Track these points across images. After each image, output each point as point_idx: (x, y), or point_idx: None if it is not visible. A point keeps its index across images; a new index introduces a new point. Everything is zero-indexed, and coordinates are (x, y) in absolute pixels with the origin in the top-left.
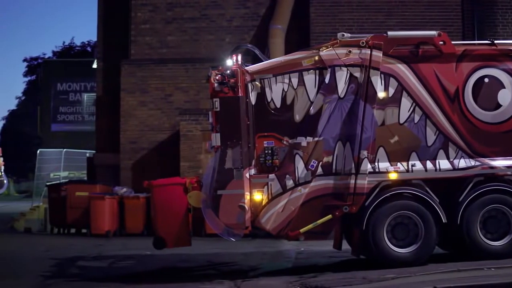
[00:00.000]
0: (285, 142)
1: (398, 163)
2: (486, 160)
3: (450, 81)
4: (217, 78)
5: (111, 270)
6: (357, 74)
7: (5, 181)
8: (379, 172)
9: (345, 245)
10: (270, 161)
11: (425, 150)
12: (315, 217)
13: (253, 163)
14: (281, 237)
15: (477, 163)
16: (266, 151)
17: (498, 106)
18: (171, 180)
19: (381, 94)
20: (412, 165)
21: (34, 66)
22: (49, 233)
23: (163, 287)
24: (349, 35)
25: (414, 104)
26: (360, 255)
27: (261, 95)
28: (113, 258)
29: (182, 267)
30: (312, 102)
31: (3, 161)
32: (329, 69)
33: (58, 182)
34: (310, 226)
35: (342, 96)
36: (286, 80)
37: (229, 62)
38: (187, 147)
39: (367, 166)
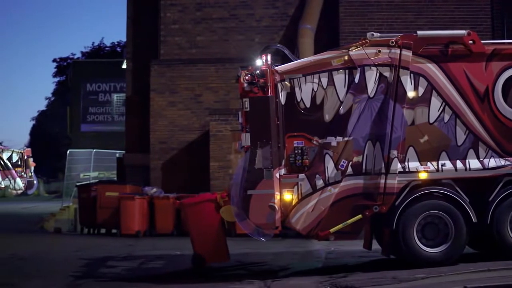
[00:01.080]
0: (315, 142)
1: (428, 163)
2: None
3: (479, 80)
4: (246, 78)
5: (141, 270)
6: (386, 74)
7: (35, 182)
8: (409, 172)
9: (375, 245)
10: (300, 161)
11: (455, 149)
12: (345, 217)
13: (283, 163)
14: (311, 237)
15: (507, 163)
16: (296, 151)
17: None
18: (202, 197)
19: (410, 94)
20: (442, 165)
21: (64, 66)
22: (79, 234)
23: (193, 286)
24: (378, 34)
25: (444, 104)
26: (390, 255)
27: (291, 95)
28: (143, 258)
29: (212, 267)
30: (342, 102)
31: (33, 161)
32: (358, 69)
33: (88, 182)
34: (340, 226)
35: (372, 95)
36: (316, 80)
37: (259, 62)
38: (217, 147)
39: (397, 166)
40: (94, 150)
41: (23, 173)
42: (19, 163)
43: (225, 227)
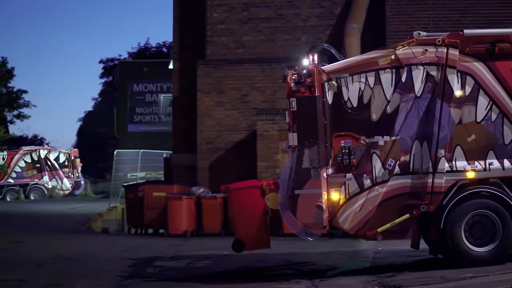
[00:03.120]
0: (362, 142)
1: (476, 162)
2: None
3: None
4: (293, 77)
5: (188, 270)
6: (433, 73)
7: (82, 182)
8: (457, 171)
9: (423, 244)
10: (347, 160)
11: (502, 148)
12: (392, 217)
13: (330, 162)
14: (359, 236)
15: None
16: (343, 151)
17: None
18: (248, 183)
19: (457, 93)
20: (490, 164)
21: (110, 67)
22: (126, 234)
23: (240, 286)
24: (425, 33)
25: (491, 103)
26: (437, 254)
27: (338, 94)
28: (190, 258)
29: (259, 267)
30: (389, 101)
31: (80, 162)
32: (405, 68)
33: (135, 182)
34: (388, 225)
35: (418, 95)
36: (363, 79)
37: (306, 61)
38: (264, 147)
39: (444, 165)
40: (141, 150)
41: (70, 174)
42: (66, 163)
43: (269, 215)
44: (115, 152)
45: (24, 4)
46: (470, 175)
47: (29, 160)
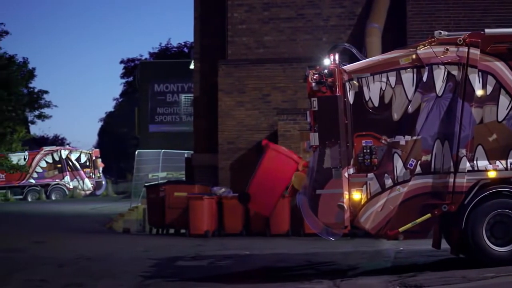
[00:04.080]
0: (383, 141)
1: (497, 161)
2: None
3: None
4: (314, 77)
5: (210, 270)
6: (454, 72)
7: (103, 182)
8: (478, 171)
9: (444, 244)
10: (368, 160)
11: None
12: (414, 216)
13: (351, 162)
14: (380, 236)
15: None
16: (365, 150)
17: None
18: (289, 152)
19: (479, 92)
20: (511, 163)
21: (131, 67)
22: (147, 234)
23: (262, 286)
24: (446, 33)
25: None
26: (459, 254)
27: (359, 94)
28: (212, 258)
29: (280, 266)
30: (410, 101)
31: (101, 162)
32: (426, 68)
33: (156, 182)
34: (409, 225)
35: (440, 94)
36: (384, 79)
37: (327, 61)
38: (285, 146)
39: (465, 165)
40: (163, 150)
41: (91, 174)
42: (88, 164)
43: (286, 192)
44: (136, 152)
45: (45, 4)
46: (492, 174)
47: (50, 161)
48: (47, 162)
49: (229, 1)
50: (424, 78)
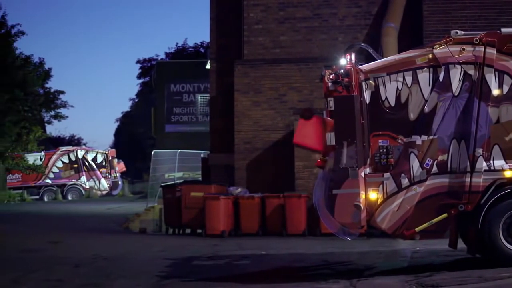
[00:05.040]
0: (400, 141)
1: None
2: None
3: None
4: (331, 77)
5: (226, 270)
6: (471, 72)
7: (119, 182)
8: (494, 170)
9: (461, 244)
10: (385, 160)
11: None
12: (430, 216)
13: (368, 162)
14: (397, 236)
15: None
16: (381, 150)
17: None
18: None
19: (495, 92)
20: None
21: (148, 68)
22: (164, 234)
23: (278, 286)
24: (462, 32)
25: None
26: (476, 253)
27: (375, 93)
28: (228, 258)
29: (297, 266)
30: (426, 101)
31: (123, 166)
32: (443, 67)
33: (173, 182)
34: (426, 225)
35: (456, 94)
36: (400, 79)
37: (343, 61)
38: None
39: (482, 164)
40: (179, 150)
41: (107, 174)
42: (104, 164)
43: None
44: (152, 152)
45: (61, 5)
46: (508, 174)
47: (66, 161)
48: (63, 162)
49: (245, 1)
50: (441, 78)
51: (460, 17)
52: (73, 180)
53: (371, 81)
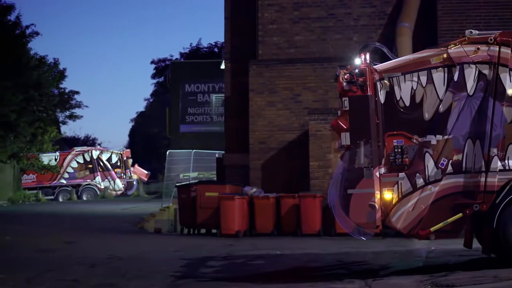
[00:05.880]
0: (414, 141)
1: None
2: None
3: None
4: (345, 77)
5: (241, 270)
6: (485, 71)
7: (134, 182)
8: (509, 170)
9: (476, 244)
10: (400, 159)
11: None
12: (445, 216)
13: (383, 161)
14: (412, 236)
15: None
16: (396, 150)
17: None
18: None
19: (510, 91)
20: None
21: (162, 68)
22: (179, 234)
23: (293, 286)
24: (477, 32)
25: None
26: (490, 253)
27: (390, 93)
28: (243, 258)
29: (312, 266)
30: (441, 100)
31: (137, 166)
32: (457, 67)
33: (187, 182)
34: (441, 224)
35: (471, 93)
36: (415, 78)
37: (358, 61)
38: (316, 146)
39: (497, 164)
40: (194, 150)
41: (122, 174)
42: (119, 164)
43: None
44: (167, 153)
45: (75, 6)
46: None
47: (81, 161)
48: (78, 162)
49: (259, 1)
50: (455, 77)
51: (475, 16)
52: (88, 180)
53: (386, 81)
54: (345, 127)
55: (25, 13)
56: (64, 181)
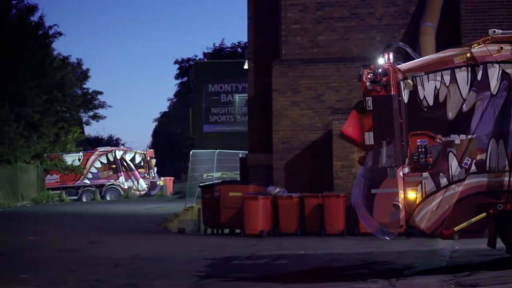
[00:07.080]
0: (438, 140)
1: None
2: None
3: None
4: (369, 77)
5: (265, 270)
6: (509, 71)
7: (158, 182)
8: None
9: (499, 243)
10: (423, 159)
11: None
12: (469, 215)
13: (406, 161)
14: (436, 235)
15: None
16: (420, 149)
17: None
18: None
19: None
20: None
21: (185, 68)
22: (202, 234)
23: (317, 286)
24: (500, 31)
25: None
26: None
27: (414, 93)
28: (267, 258)
29: (336, 266)
30: (464, 100)
31: (171, 181)
32: (481, 66)
33: (211, 182)
34: (464, 224)
35: (494, 93)
36: (438, 78)
37: (381, 60)
38: (340, 146)
39: None
40: (217, 150)
41: (146, 174)
42: (142, 164)
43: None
44: (191, 153)
45: (98, 6)
46: None
47: (105, 161)
48: (101, 162)
49: (283, 1)
50: (479, 77)
51: (498, 15)
52: (111, 181)
53: (409, 81)
54: (354, 136)
55: (47, 13)
56: (87, 181)
